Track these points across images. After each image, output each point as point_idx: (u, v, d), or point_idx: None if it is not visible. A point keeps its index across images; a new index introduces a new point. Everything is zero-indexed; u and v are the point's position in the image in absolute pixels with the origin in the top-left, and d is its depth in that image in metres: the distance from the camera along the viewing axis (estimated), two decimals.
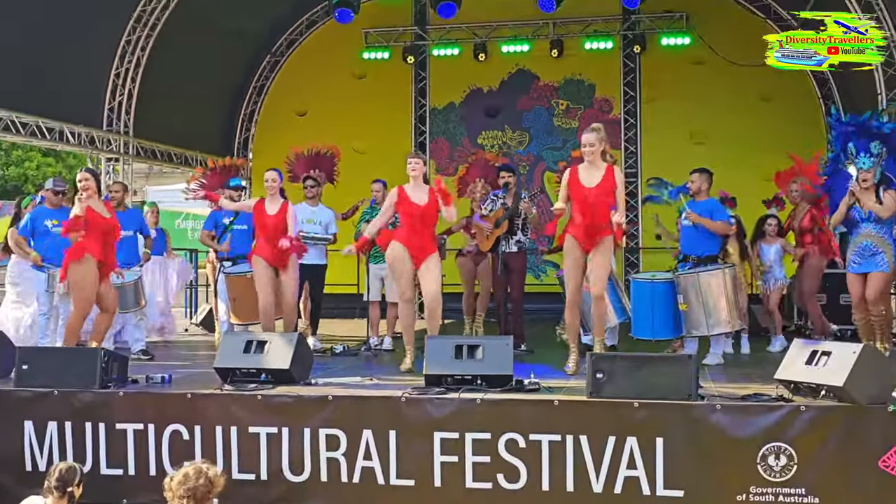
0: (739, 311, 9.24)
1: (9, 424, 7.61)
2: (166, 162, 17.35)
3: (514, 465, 6.83)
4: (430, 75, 17.94)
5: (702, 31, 16.43)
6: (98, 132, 14.88)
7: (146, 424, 7.40)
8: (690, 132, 16.47)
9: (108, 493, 7.25)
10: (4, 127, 12.89)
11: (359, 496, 7.05)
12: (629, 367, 6.99)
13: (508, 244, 10.30)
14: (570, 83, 17.39)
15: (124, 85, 15.20)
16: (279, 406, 7.26)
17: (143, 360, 9.84)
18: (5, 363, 8.18)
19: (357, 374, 8.47)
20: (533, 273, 11.65)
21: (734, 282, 9.12)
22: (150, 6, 14.92)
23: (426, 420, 7.00)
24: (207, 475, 4.96)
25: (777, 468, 6.50)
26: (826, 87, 16.24)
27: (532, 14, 15.71)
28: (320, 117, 17.25)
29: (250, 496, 6.90)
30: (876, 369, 6.60)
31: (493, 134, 17.66)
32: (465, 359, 7.40)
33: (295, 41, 18.54)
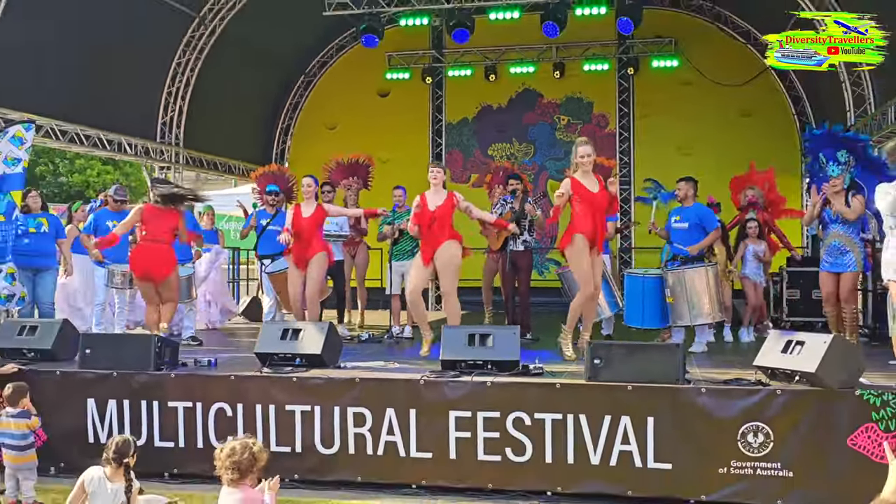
0: (721, 305, 9.25)
1: (74, 402, 7.65)
2: (212, 170, 17.42)
3: (521, 440, 6.83)
4: (446, 94, 17.96)
5: (689, 55, 16.41)
6: (152, 144, 14.94)
7: (194, 403, 7.43)
8: (678, 144, 16.44)
9: (160, 464, 7.28)
10: (70, 139, 12.96)
11: (383, 467, 7.06)
12: (623, 355, 6.97)
13: (516, 243, 10.30)
14: (571, 101, 17.40)
15: (175, 102, 15.27)
16: (312, 387, 7.27)
17: (193, 346, 9.88)
18: (70, 348, 8.21)
19: (381, 359, 8.49)
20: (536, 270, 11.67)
21: (716, 279, 9.14)
22: (198, 32, 14.99)
23: (442, 400, 7.00)
24: (252, 450, 4.97)
25: (755, 445, 6.48)
26: (800, 105, 16.20)
27: (537, 39, 15.72)
28: (348, 130, 17.28)
29: (287, 467, 6.90)
30: (845, 357, 6.56)
31: (501, 146, 17.67)
32: (477, 346, 7.40)
33: (326, 63, 18.60)
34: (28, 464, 6.75)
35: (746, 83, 16.02)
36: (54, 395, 7.69)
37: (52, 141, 12.63)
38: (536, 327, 10.50)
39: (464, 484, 6.92)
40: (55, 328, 8.34)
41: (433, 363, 7.74)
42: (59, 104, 12.49)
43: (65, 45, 12.13)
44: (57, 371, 7.82)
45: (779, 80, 16.29)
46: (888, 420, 6.33)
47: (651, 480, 6.62)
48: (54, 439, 7.64)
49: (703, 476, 6.56)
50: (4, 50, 10.93)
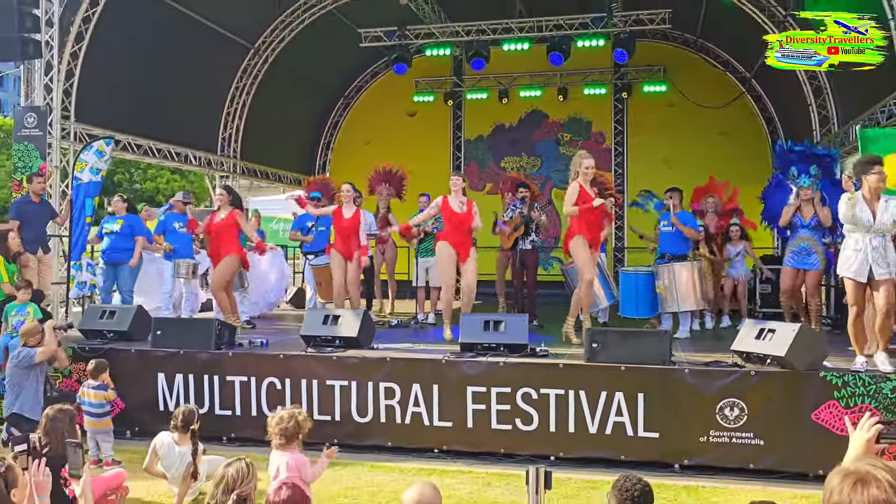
0: (704, 295, 9.24)
1: (146, 376, 7.73)
2: (264, 179, 17.51)
3: (529, 412, 6.84)
4: (465, 114, 17.96)
5: (675, 81, 16.33)
6: (213, 156, 15.04)
7: (249, 377, 7.49)
8: (665, 158, 16.35)
9: (220, 428, 7.36)
10: (144, 151, 13.07)
11: (410, 434, 7.10)
12: (618, 339, 6.97)
13: (524, 243, 10.29)
14: (573, 120, 17.36)
15: (233, 120, 15.37)
16: (349, 365, 7.31)
17: (247, 329, 9.93)
18: (144, 330, 8.29)
19: (408, 342, 8.51)
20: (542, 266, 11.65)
21: (700, 273, 9.15)
22: (253, 62, 15.08)
23: (461, 377, 7.02)
24: (297, 419, 5.00)
25: (732, 417, 6.47)
26: (772, 125, 16.11)
27: (544, 67, 15.65)
28: (381, 145, 17.31)
29: (327, 433, 6.94)
30: (811, 343, 6.54)
31: (512, 159, 17.65)
32: (492, 331, 7.41)
33: (362, 87, 18.64)
34: (103, 429, 6.82)
35: (725, 106, 15.92)
36: (130, 369, 7.78)
37: (129, 153, 12.74)
38: (542, 315, 10.49)
39: (479, 449, 6.95)
40: (131, 313, 8.43)
41: (453, 345, 7.75)
42: (136, 122, 12.59)
43: (140, 73, 12.22)
44: (132, 349, 7.92)
45: (754, 104, 16.19)
46: (848, 398, 6.31)
47: (641, 447, 6.63)
48: (130, 408, 7.74)
49: (686, 443, 6.56)
50: (89, 78, 11.03)
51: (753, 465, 6.41)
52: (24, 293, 8.20)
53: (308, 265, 11.11)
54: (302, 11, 14.69)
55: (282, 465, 4.89)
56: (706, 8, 14.06)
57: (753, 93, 16.11)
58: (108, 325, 8.30)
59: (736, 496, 5.90)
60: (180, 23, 12.57)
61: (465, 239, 8.61)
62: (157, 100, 12.90)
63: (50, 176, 10.19)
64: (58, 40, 10.48)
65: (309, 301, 11.55)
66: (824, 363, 6.60)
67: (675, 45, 16.49)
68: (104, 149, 9.97)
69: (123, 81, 11.96)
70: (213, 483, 3.77)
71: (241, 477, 3.64)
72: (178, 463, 5.81)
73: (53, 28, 10.42)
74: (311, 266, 11.03)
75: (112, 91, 11.75)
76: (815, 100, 12.72)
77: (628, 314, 9.26)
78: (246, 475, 3.66)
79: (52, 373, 7.79)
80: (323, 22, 14.91)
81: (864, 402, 6.25)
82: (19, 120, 10.42)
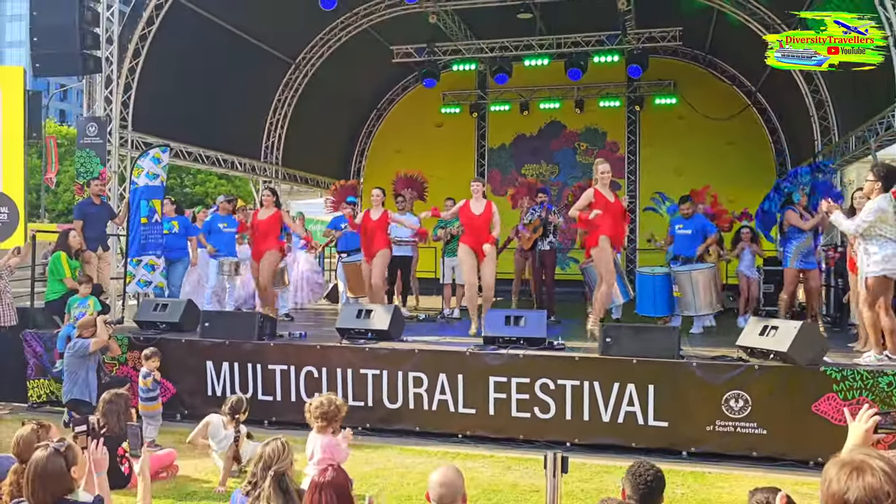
0: (718, 298, 9.18)
1: (196, 363, 7.83)
2: (304, 183, 17.58)
3: (546, 401, 6.83)
4: (489, 124, 17.90)
5: (685, 94, 16.19)
6: (257, 162, 15.15)
7: (289, 366, 7.56)
8: (675, 167, 16.18)
9: (262, 413, 7.41)
10: (194, 158, 13.18)
11: (436, 420, 7.13)
12: (630, 334, 6.95)
13: (543, 244, 10.27)
14: (589, 131, 17.25)
15: (276, 130, 15.46)
16: (381, 355, 7.35)
17: (286, 321, 10.00)
18: (193, 321, 8.38)
19: (435, 335, 8.54)
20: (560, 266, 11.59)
21: (716, 278, 9.14)
22: (294, 76, 15.16)
23: (484, 368, 7.03)
24: (336, 404, 5.04)
25: (737, 408, 6.41)
26: (776, 135, 15.91)
27: (562, 81, 15.61)
28: (411, 153, 17.30)
29: (360, 417, 6.99)
30: (812, 340, 6.48)
31: (532, 167, 17.57)
32: (513, 325, 7.41)
33: (394, 100, 18.67)
34: (151, 412, 6.89)
35: (731, 118, 15.75)
36: (180, 357, 7.88)
37: (179, 160, 12.85)
38: (559, 311, 10.47)
39: (500, 435, 6.95)
40: (182, 306, 8.53)
41: (477, 338, 7.76)
42: (187, 131, 12.70)
43: (190, 86, 12.34)
44: (183, 339, 8.01)
45: (758, 115, 16.00)
46: (846, 391, 6.24)
47: (651, 435, 6.60)
48: (180, 392, 7.84)
49: (693, 432, 6.52)
50: (145, 90, 11.16)
51: (756, 452, 6.35)
52: (86, 287, 8.33)
53: (340, 262, 11.18)
54: (339, 30, 14.75)
55: (317, 448, 4.94)
56: (714, 26, 13.92)
57: (758, 105, 15.92)
58: (160, 317, 8.41)
59: (740, 482, 5.85)
60: (228, 40, 12.67)
61: (484, 240, 8.53)
62: (207, 110, 13.01)
63: (109, 180, 10.33)
64: (117, 56, 10.62)
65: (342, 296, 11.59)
66: (825, 358, 6.52)
67: (685, 60, 16.33)
68: (160, 155, 10.08)
69: (176, 93, 12.08)
70: (253, 462, 3.81)
71: (276, 455, 3.67)
72: (224, 441, 5.89)
73: (113, 45, 10.56)
74: (342, 263, 11.10)
75: (166, 102, 11.88)
76: (817, 112, 12.54)
77: (646, 313, 9.14)
78: (282, 453, 3.69)
79: (108, 360, 7.90)
80: (358, 39, 14.96)
81: (862, 395, 6.17)
82: (81, 129, 10.58)
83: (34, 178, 28.66)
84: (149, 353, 7.01)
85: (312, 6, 11.10)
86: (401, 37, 14.94)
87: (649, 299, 9.09)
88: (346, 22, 14.62)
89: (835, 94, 12.00)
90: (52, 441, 3.30)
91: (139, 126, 11.32)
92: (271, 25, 13.36)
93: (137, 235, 9.71)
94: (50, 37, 10.08)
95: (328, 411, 4.94)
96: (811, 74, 12.27)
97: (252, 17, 12.76)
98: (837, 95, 11.93)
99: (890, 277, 6.45)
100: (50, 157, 18.39)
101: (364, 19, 14.57)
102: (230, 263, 10.30)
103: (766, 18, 12.29)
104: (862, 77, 9.88)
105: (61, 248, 8.88)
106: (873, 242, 6.45)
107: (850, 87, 11.19)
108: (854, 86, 10.91)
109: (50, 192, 34.32)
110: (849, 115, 11.33)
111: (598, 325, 8.21)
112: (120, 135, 10.88)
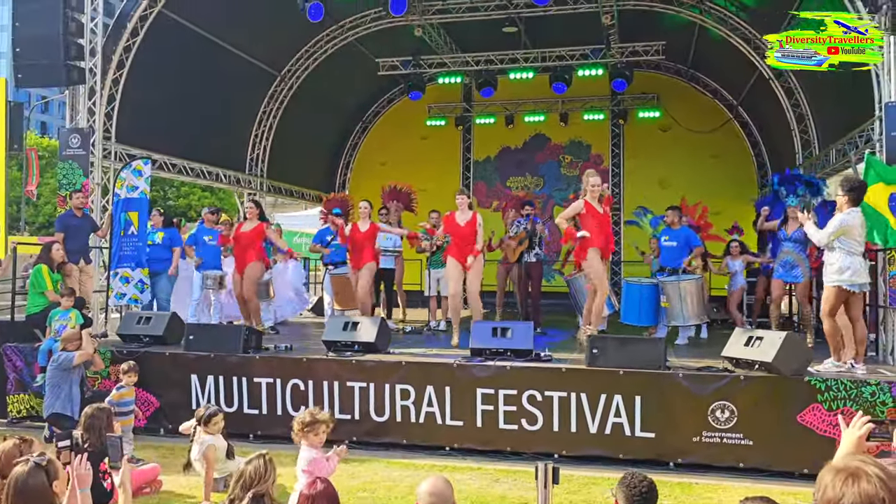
0: (704, 308, 9.23)
1: (180, 377, 7.74)
2: (288, 196, 17.53)
3: (534, 412, 6.82)
4: (474, 137, 17.95)
5: (668, 107, 16.33)
6: (242, 175, 15.09)
7: (275, 379, 7.49)
8: (659, 179, 16.31)
9: (247, 426, 7.35)
10: (178, 170, 13.10)
11: (423, 432, 7.08)
12: (616, 346, 6.96)
13: (529, 256, 10.28)
14: (573, 144, 17.34)
15: (261, 142, 15.42)
16: (367, 368, 7.30)
17: (272, 334, 9.93)
18: (177, 334, 8.30)
19: (422, 347, 8.50)
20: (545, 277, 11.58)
21: (703, 289, 9.17)
22: (280, 88, 15.15)
23: (471, 380, 7.01)
24: (318, 417, 5.01)
25: (723, 419, 6.43)
26: (757, 148, 16.06)
27: (547, 94, 15.72)
28: (396, 166, 17.31)
29: (347, 430, 6.92)
30: (796, 350, 6.51)
31: (517, 179, 17.63)
32: (499, 337, 7.40)
33: (379, 112, 18.68)
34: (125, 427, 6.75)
35: (714, 130, 15.91)
36: (164, 371, 7.79)
37: (164, 172, 12.78)
38: (545, 323, 10.47)
39: (488, 447, 6.92)
40: (165, 319, 8.44)
41: (464, 350, 7.71)
42: (171, 143, 12.64)
43: (175, 97, 12.29)
44: (167, 352, 7.93)
45: (741, 128, 16.16)
46: (830, 401, 6.27)
47: (638, 446, 6.59)
48: (164, 406, 7.74)
49: (680, 443, 6.52)
50: (129, 102, 11.09)
51: (743, 463, 6.36)
52: (67, 300, 8.23)
53: (328, 275, 11.12)
54: (325, 42, 14.76)
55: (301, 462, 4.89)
56: (696, 40, 14.07)
57: (740, 119, 16.08)
58: (144, 330, 8.32)
59: (727, 493, 5.85)
60: (213, 52, 12.64)
61: (469, 251, 8.56)
62: (191, 122, 12.96)
63: (91, 192, 10.25)
64: (100, 68, 10.56)
65: (327, 308, 11.54)
66: (809, 369, 6.56)
67: (668, 74, 16.48)
68: (142, 167, 10.01)
69: (160, 105, 12.03)
70: (234, 479, 3.76)
71: (258, 476, 3.62)
72: (197, 449, 5.78)
73: (97, 56, 10.51)
74: (330, 275, 11.05)
75: (150, 114, 11.82)
76: (798, 125, 12.68)
77: (631, 322, 9.21)
78: (263, 473, 3.64)
79: (91, 374, 7.80)
80: (344, 52, 14.98)
81: (846, 406, 6.21)
82: (64, 140, 10.49)
83: (15, 190, 28.36)
84: (126, 368, 6.87)
85: (298, 18, 11.10)
86: (386, 49, 14.98)
87: (635, 309, 9.12)
88: (331, 34, 14.64)
89: (815, 108, 12.15)
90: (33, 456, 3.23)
91: (123, 138, 11.24)
92: (257, 37, 13.35)
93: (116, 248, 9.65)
94: (33, 47, 10.03)
95: (310, 423, 4.91)
96: (791, 88, 12.42)
97: (237, 29, 12.75)
98: (818, 109, 12.07)
99: (845, 289, 6.63)
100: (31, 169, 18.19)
101: (350, 32, 14.60)
102: (214, 276, 10.23)
103: (746, 33, 12.45)
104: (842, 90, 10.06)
105: (43, 261, 8.78)
106: (835, 254, 6.66)
107: (830, 100, 11.34)
108: (834, 99, 11.06)
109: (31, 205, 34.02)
110: (829, 128, 11.46)
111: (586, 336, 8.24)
112: (103, 146, 10.80)
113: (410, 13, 11.92)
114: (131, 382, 6.85)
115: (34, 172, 18.35)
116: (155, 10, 10.99)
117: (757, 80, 13.35)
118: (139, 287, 9.78)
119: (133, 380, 6.86)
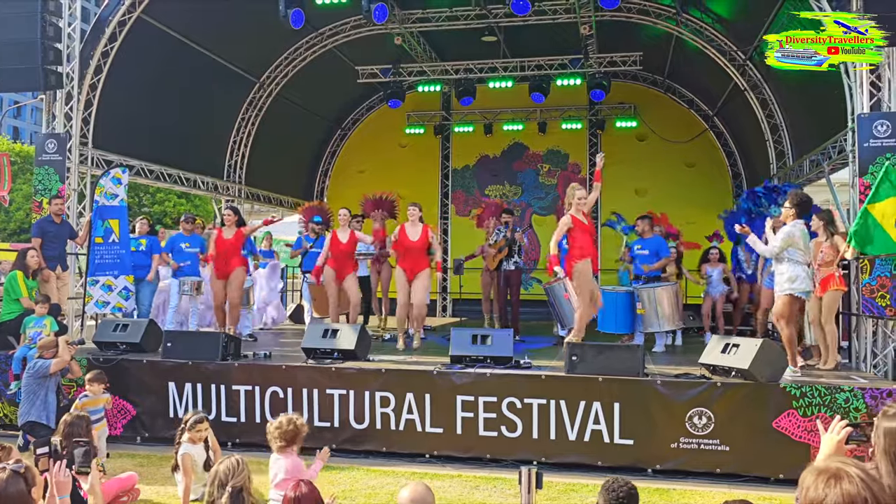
0: (679, 315, 9.34)
1: (158, 385, 7.68)
2: (266, 203, 17.43)
3: (513, 419, 6.85)
4: (453, 145, 17.97)
5: (645, 117, 16.49)
6: (220, 181, 14.99)
7: (253, 386, 7.46)
8: (635, 188, 16.45)
9: (226, 434, 7.26)
10: (156, 177, 13.00)
11: (403, 439, 7.08)
12: (595, 353, 7.00)
13: (508, 264, 10.33)
14: (552, 152, 17.43)
15: (239, 148, 15.34)
16: (347, 375, 7.29)
17: (250, 341, 9.88)
18: (155, 342, 8.23)
19: (401, 354, 8.51)
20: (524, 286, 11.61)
21: (677, 295, 9.26)
22: (259, 95, 15.10)
23: (451, 387, 7.02)
24: (296, 423, 4.99)
25: (700, 425, 6.50)
26: (732, 158, 16.25)
27: (526, 104, 15.83)
28: (375, 173, 17.31)
29: (327, 438, 6.90)
30: (771, 358, 6.59)
31: (496, 187, 17.67)
32: (479, 344, 7.43)
33: (358, 119, 18.66)
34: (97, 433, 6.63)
35: (690, 140, 16.10)
36: (141, 379, 7.72)
37: (142, 178, 12.66)
38: (524, 330, 10.51)
39: (468, 454, 6.94)
40: (143, 326, 8.36)
41: (444, 358, 7.72)
42: (148, 149, 12.53)
43: (153, 103, 12.21)
44: (144, 360, 7.85)
45: (716, 139, 16.35)
46: (805, 407, 6.37)
47: (617, 453, 6.64)
48: (140, 415, 7.66)
49: (658, 449, 6.58)
50: (106, 107, 10.99)
51: (720, 469, 6.44)
52: (42, 307, 8.11)
53: (305, 282, 11.09)
54: (304, 49, 14.75)
55: (280, 469, 4.87)
56: (673, 51, 14.25)
57: (716, 129, 16.28)
58: (121, 338, 8.23)
59: (704, 498, 5.92)
60: (192, 58, 12.57)
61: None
62: (169, 128, 12.88)
63: (67, 198, 10.14)
64: (78, 72, 10.47)
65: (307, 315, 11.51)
66: (784, 375, 6.65)
67: (645, 84, 16.66)
68: (120, 175, 9.93)
69: (138, 111, 11.94)
70: (209, 482, 3.75)
71: (231, 471, 3.62)
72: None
73: (74, 61, 10.42)
74: (307, 283, 11.01)
75: (127, 119, 11.72)
76: (772, 135, 12.88)
77: (608, 329, 9.29)
78: (236, 469, 3.64)
79: (66, 382, 7.70)
80: (323, 59, 14.96)
81: (821, 412, 6.31)
82: (40, 146, 10.37)
83: None
84: (91, 377, 6.63)
85: (278, 26, 11.08)
86: (366, 57, 14.99)
87: (611, 317, 9.20)
88: (311, 42, 14.63)
89: (789, 119, 12.35)
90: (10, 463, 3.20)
91: (100, 143, 11.13)
92: (236, 44, 13.30)
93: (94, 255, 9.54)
94: (10, 52, 9.92)
95: (287, 431, 4.89)
96: (766, 99, 12.63)
97: (217, 36, 12.71)
98: (792, 120, 12.27)
99: (797, 297, 6.92)
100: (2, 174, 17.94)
101: (329, 39, 14.60)
102: (191, 282, 10.15)
103: (722, 45, 12.65)
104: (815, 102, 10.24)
105: (18, 268, 8.66)
106: (784, 264, 6.95)
107: (803, 111, 11.53)
108: (808, 110, 11.25)
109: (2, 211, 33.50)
110: (803, 139, 11.65)
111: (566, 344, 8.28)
112: (80, 152, 10.69)
113: (391, 21, 11.95)
114: (99, 391, 6.63)
115: (6, 178, 18.05)
116: (133, 16, 10.92)
117: (732, 90, 13.54)
118: (124, 294, 9.68)
119: (98, 389, 6.62)
